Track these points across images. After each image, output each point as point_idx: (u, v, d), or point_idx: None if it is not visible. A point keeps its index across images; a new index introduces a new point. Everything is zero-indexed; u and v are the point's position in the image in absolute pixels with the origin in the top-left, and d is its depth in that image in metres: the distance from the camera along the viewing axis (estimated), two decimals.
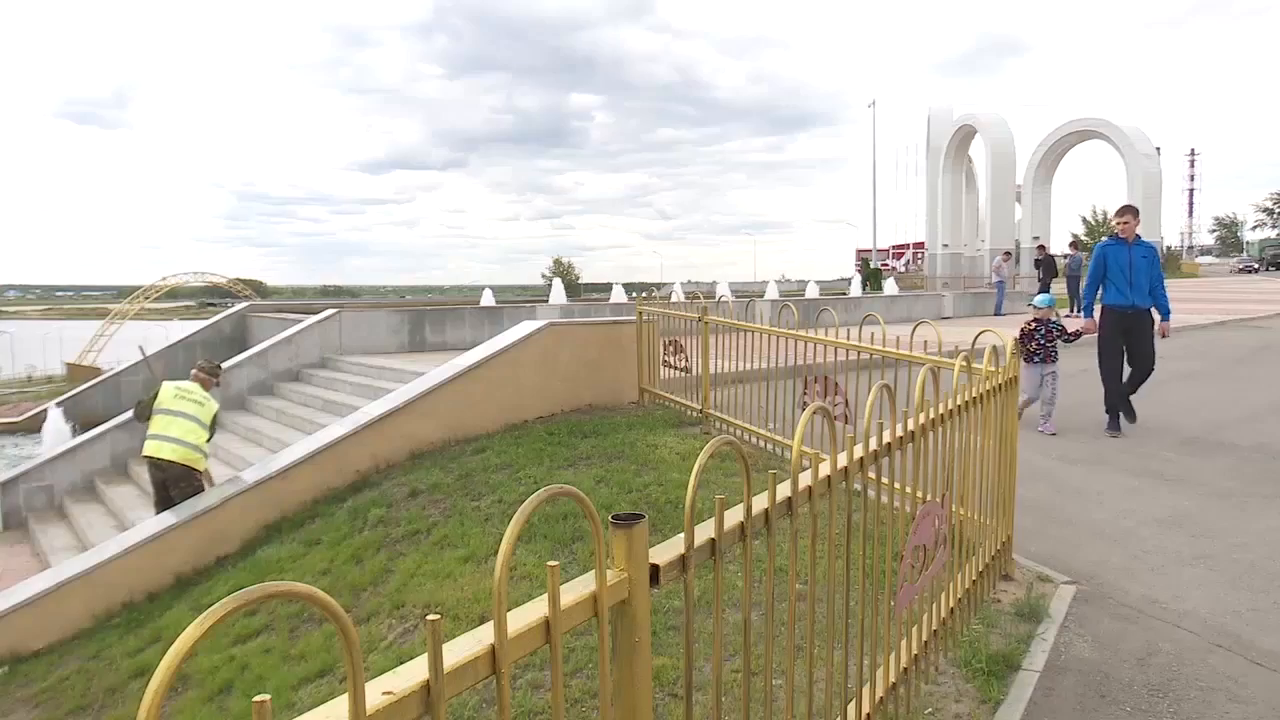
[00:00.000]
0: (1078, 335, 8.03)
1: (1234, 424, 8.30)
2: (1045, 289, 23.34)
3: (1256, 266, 59.76)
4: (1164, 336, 7.94)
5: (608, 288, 31.19)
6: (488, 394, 8.21)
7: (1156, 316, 7.96)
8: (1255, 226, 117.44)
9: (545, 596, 1.37)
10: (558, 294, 22.72)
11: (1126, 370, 7.92)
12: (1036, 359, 7.90)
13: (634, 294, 14.72)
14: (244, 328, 16.48)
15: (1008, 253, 26.97)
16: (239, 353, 13.47)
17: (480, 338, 10.69)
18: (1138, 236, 7.81)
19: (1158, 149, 35.91)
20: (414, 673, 1.15)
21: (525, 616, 1.35)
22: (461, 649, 1.23)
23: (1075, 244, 25.02)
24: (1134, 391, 7.88)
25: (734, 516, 1.90)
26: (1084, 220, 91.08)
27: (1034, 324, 8.04)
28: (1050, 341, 7.96)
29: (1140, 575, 4.60)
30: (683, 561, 1.66)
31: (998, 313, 23.06)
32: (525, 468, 6.57)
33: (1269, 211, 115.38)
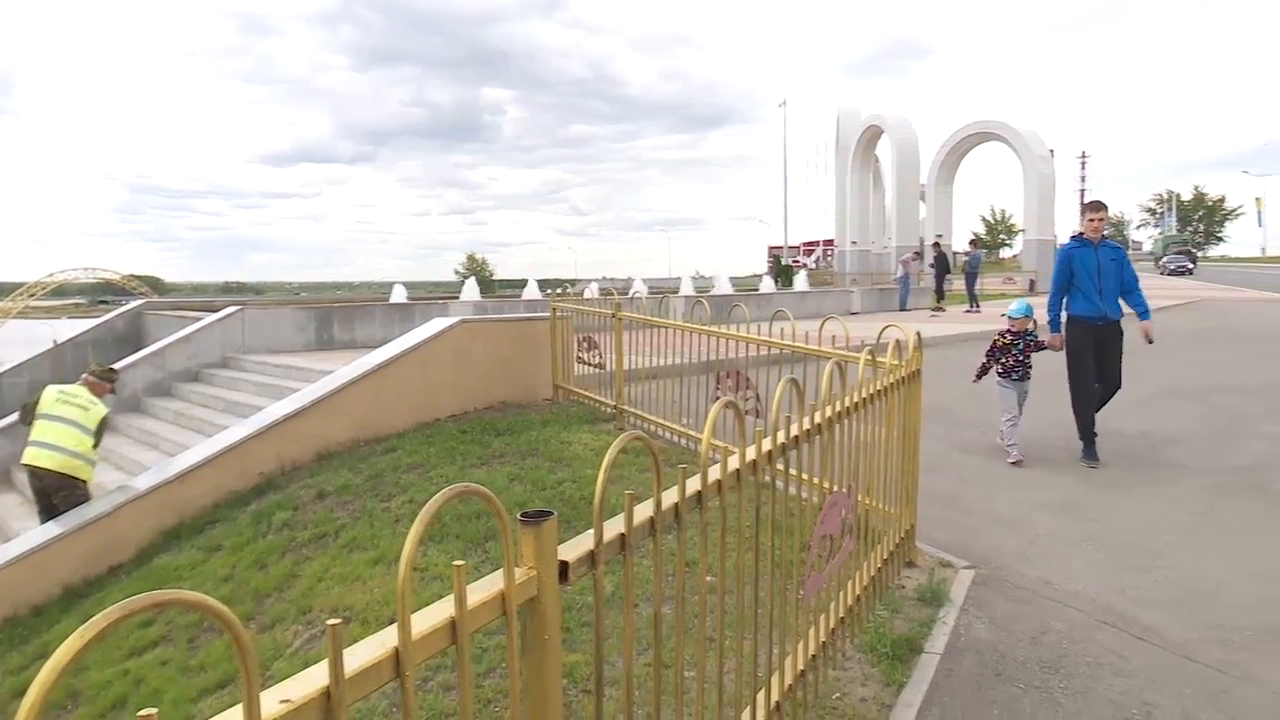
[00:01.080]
0: (1043, 347, 7.05)
1: (1121, 413, 8.74)
2: (939, 288, 24.27)
3: (1191, 267, 51.88)
4: (1149, 340, 6.87)
5: (522, 284, 30.97)
6: (399, 392, 8.06)
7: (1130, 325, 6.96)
8: (1140, 225, 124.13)
9: (452, 597, 1.35)
10: (470, 291, 22.44)
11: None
12: (1015, 375, 6.99)
13: (548, 290, 14.66)
14: (139, 326, 15.75)
15: (917, 253, 27.87)
16: (133, 352, 12.87)
17: (391, 335, 10.46)
18: (1104, 237, 6.85)
19: (1051, 151, 37.55)
20: (314, 679, 1.12)
21: (431, 618, 1.33)
22: (364, 653, 1.21)
23: (974, 242, 26.01)
24: (1098, 409, 6.96)
25: (644, 511, 1.92)
26: (984, 220, 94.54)
27: (1010, 336, 7.06)
28: (1028, 357, 7.02)
29: (1034, 558, 4.82)
30: (592, 557, 1.66)
31: (902, 308, 23.96)
32: (437, 467, 6.47)
33: (1152, 211, 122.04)
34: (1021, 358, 7.00)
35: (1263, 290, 35.24)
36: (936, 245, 25.68)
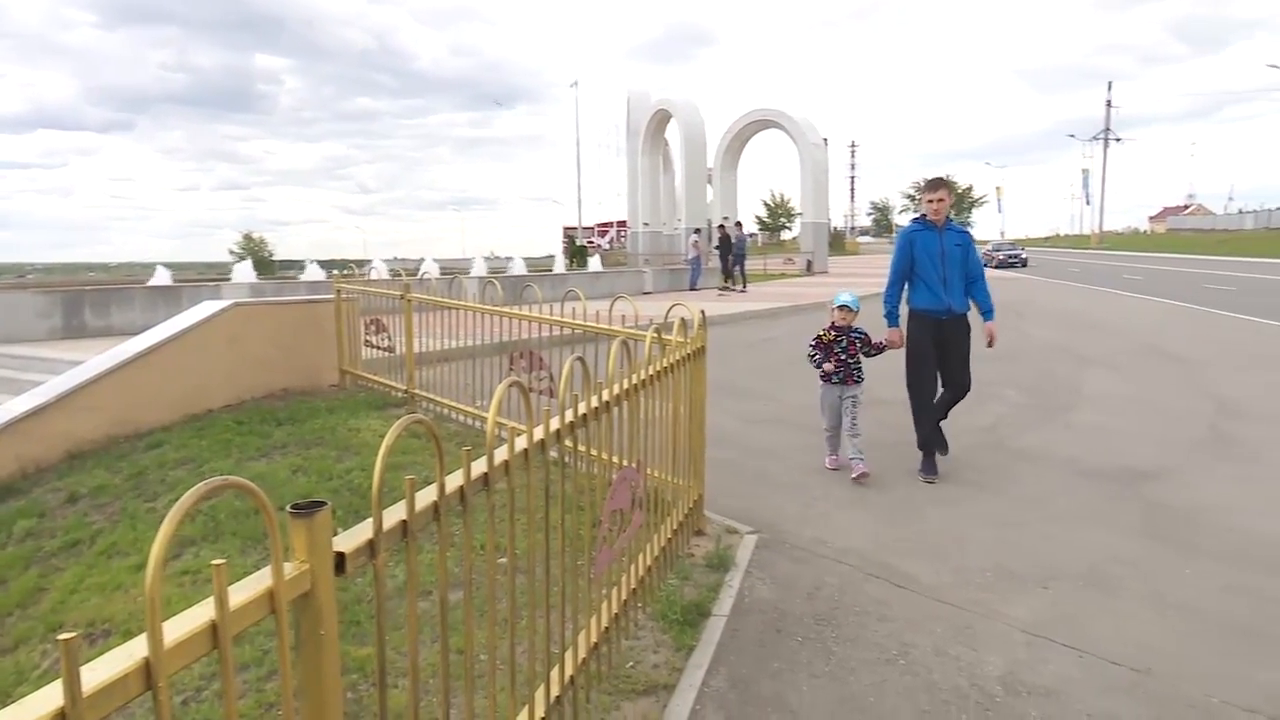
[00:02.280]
0: (881, 348, 6.08)
1: (884, 382, 9.54)
2: (725, 268, 25.40)
3: (1025, 256, 45.72)
4: (991, 344, 6.01)
5: (305, 264, 29.26)
6: (164, 382, 7.40)
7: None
8: (902, 210, 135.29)
9: (212, 598, 1.26)
10: (244, 272, 20.95)
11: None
12: (836, 378, 6.01)
13: (335, 271, 13.94)
14: None
15: (698, 230, 28.93)
16: None
17: (155, 320, 9.57)
18: (949, 219, 5.96)
19: (825, 139, 40.10)
20: (47, 700, 1.01)
21: (189, 622, 1.24)
22: (109, 666, 1.10)
23: (738, 224, 27.26)
24: (944, 417, 6.13)
25: (429, 496, 1.88)
26: (765, 203, 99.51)
27: (834, 333, 6.06)
28: (855, 356, 6.06)
29: (811, 520, 5.17)
30: (371, 547, 1.61)
31: (692, 287, 24.91)
32: (210, 461, 6.02)
33: (911, 198, 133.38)
34: (846, 358, 6.01)
35: (1001, 269, 39.58)
36: (721, 227, 26.80)
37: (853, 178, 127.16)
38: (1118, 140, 79.59)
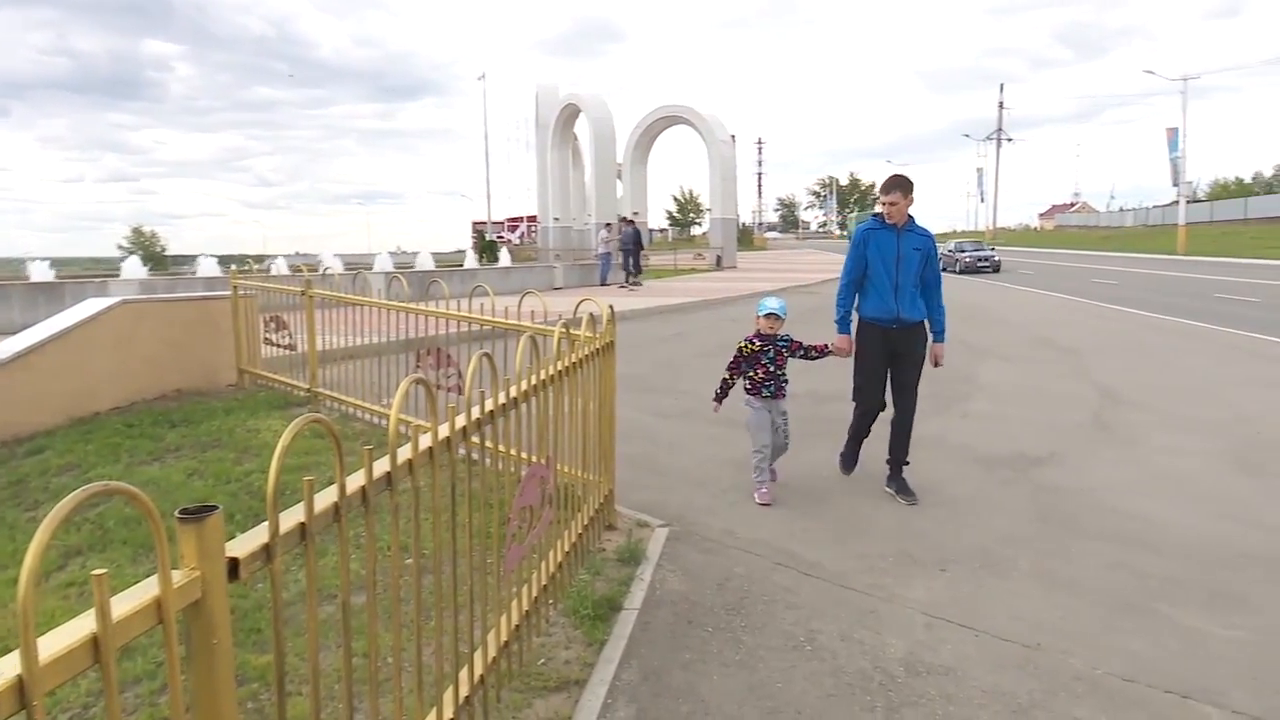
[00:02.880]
0: (824, 352, 5.56)
1: (792, 375, 9.73)
2: (637, 264, 25.50)
3: (997, 259, 34.69)
4: (936, 365, 5.54)
5: (199, 260, 28.12)
6: (46, 384, 7.00)
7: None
8: (808, 207, 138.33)
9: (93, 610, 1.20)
10: (134, 268, 20.04)
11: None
12: (766, 391, 5.40)
13: (233, 266, 13.38)
14: None
15: (608, 224, 28.95)
16: None
17: (34, 319, 9.05)
18: (910, 219, 5.38)
19: (733, 136, 40.63)
20: None
21: (68, 635, 1.18)
22: None
23: (627, 220, 27.14)
24: (904, 455, 5.53)
25: (329, 497, 1.83)
26: (675, 198, 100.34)
27: (760, 342, 5.44)
28: (783, 368, 5.47)
29: (720, 512, 5.24)
30: (267, 551, 1.56)
31: (602, 282, 24.92)
32: (97, 467, 5.73)
33: (817, 194, 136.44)
34: (774, 369, 5.44)
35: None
36: (631, 223, 26.87)
37: (760, 174, 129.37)
38: (1009, 140, 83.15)
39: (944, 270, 30.07)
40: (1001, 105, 77.64)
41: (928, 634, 3.67)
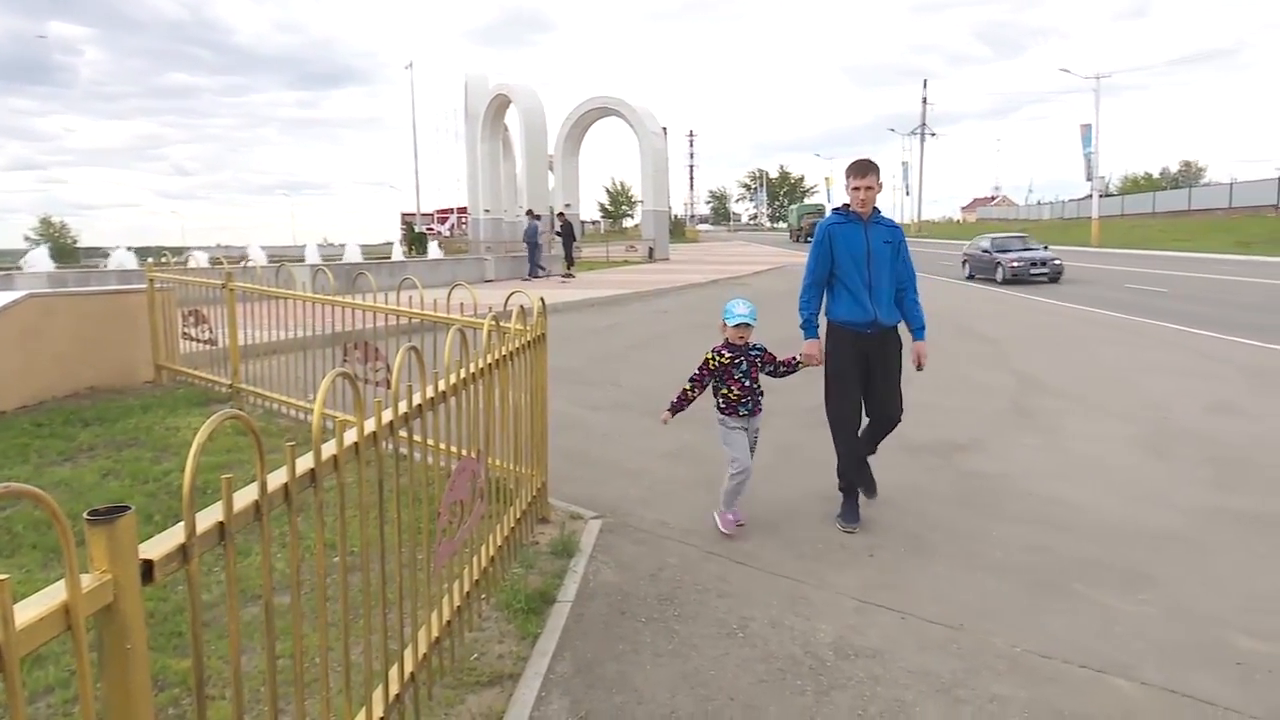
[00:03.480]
0: (794, 366, 4.93)
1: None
2: (568, 254, 25.41)
3: (1058, 262, 23.34)
4: (920, 367, 5.04)
5: (110, 252, 27.04)
6: None
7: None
8: (739, 199, 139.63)
9: None
10: (40, 259, 19.17)
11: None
12: (743, 409, 4.78)
13: (149, 259, 12.82)
14: None
15: (537, 215, 28.75)
16: None
17: None
18: (876, 211, 4.86)
19: (664, 128, 40.74)
20: None
21: None
22: None
23: (530, 212, 26.82)
24: (873, 450, 5.19)
25: (250, 495, 1.78)
26: (607, 190, 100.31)
27: (730, 354, 4.76)
28: (757, 380, 4.84)
29: (653, 503, 5.26)
30: (184, 552, 1.51)
31: (531, 275, 24.78)
32: (3, 469, 5.48)
33: (748, 187, 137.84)
34: (749, 383, 4.78)
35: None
36: (562, 215, 26.75)
37: (691, 166, 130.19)
38: (933, 135, 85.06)
39: (973, 278, 24.44)
40: (925, 100, 79.43)
41: (857, 618, 3.75)
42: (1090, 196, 50.86)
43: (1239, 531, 4.74)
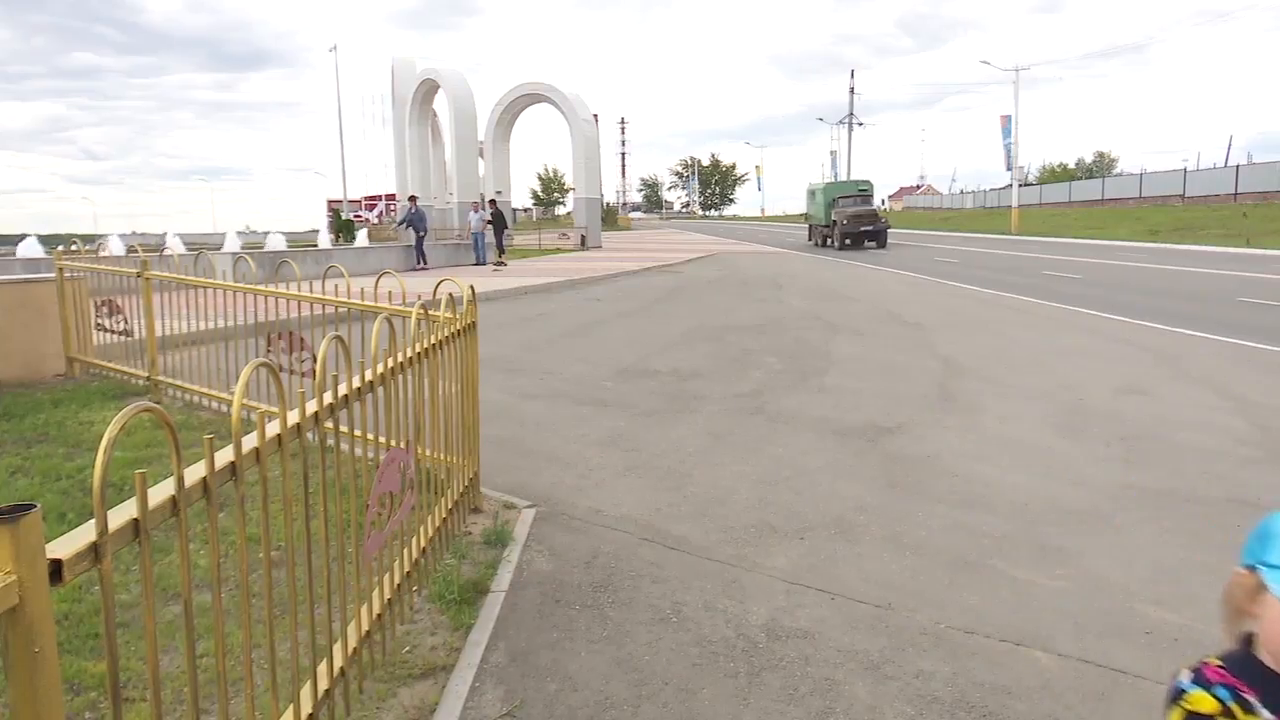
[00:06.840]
0: None
1: (656, 353, 9.87)
2: (499, 242, 25.16)
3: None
4: None
5: (19, 239, 25.79)
6: None
7: None
8: (670, 187, 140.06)
9: None
10: None
11: None
12: None
13: (58, 247, 12.16)
14: None
15: (476, 204, 28.40)
16: None
17: None
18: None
19: (596, 115, 40.52)
20: None
21: None
22: None
23: (413, 198, 26.15)
24: None
25: (166, 490, 1.72)
26: (539, 177, 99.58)
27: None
28: None
29: (587, 490, 5.26)
30: (95, 550, 1.45)
31: (480, 262, 24.40)
32: None
33: (679, 175, 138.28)
34: None
35: (764, 245, 41.98)
36: (493, 203, 26.46)
37: (623, 154, 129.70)
38: (860, 125, 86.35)
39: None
40: (852, 90, 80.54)
41: (787, 600, 3.81)
42: (1010, 186, 52.33)
43: (1146, 507, 4.96)
